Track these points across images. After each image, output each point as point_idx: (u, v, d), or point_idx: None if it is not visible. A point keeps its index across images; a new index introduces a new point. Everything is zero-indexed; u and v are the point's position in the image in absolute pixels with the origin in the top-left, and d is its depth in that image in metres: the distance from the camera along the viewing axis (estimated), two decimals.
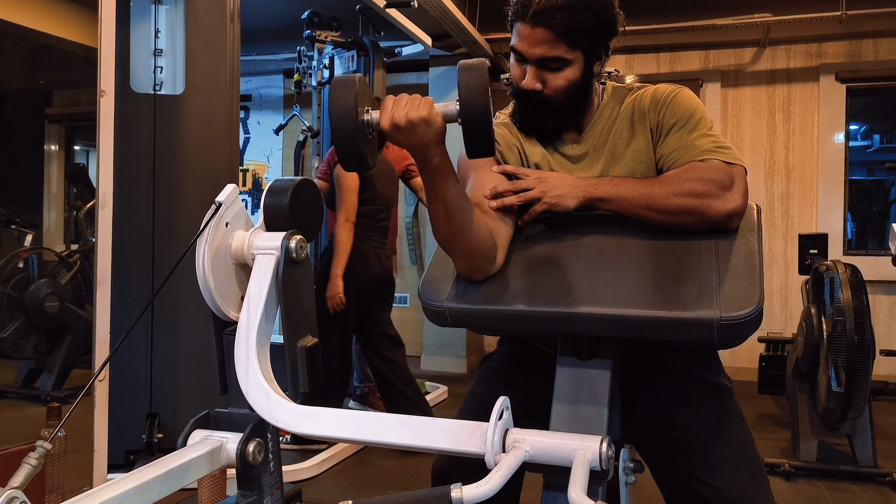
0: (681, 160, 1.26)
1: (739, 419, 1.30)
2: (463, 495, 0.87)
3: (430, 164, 1.13)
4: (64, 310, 3.63)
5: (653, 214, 1.21)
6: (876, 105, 7.06)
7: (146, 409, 2.89)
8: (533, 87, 1.30)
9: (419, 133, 1.09)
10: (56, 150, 4.13)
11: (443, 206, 1.16)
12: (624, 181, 1.26)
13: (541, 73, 1.30)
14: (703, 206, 1.19)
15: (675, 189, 1.20)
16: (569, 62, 1.28)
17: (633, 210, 1.22)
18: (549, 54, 1.27)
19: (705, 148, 1.25)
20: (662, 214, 1.21)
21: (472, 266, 1.19)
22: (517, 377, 1.42)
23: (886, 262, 4.70)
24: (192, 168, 2.97)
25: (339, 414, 1.00)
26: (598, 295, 1.12)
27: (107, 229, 2.35)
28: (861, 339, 2.87)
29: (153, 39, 2.93)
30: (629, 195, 1.22)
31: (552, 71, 1.29)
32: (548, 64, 1.29)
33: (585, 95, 1.35)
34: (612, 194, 1.24)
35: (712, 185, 1.19)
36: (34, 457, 0.90)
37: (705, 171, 1.21)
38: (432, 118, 1.10)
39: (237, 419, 1.08)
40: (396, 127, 1.08)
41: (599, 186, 1.25)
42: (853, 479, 3.13)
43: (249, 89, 6.70)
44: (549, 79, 1.30)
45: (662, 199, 1.20)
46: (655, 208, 1.20)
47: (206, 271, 1.06)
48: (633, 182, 1.25)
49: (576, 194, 1.25)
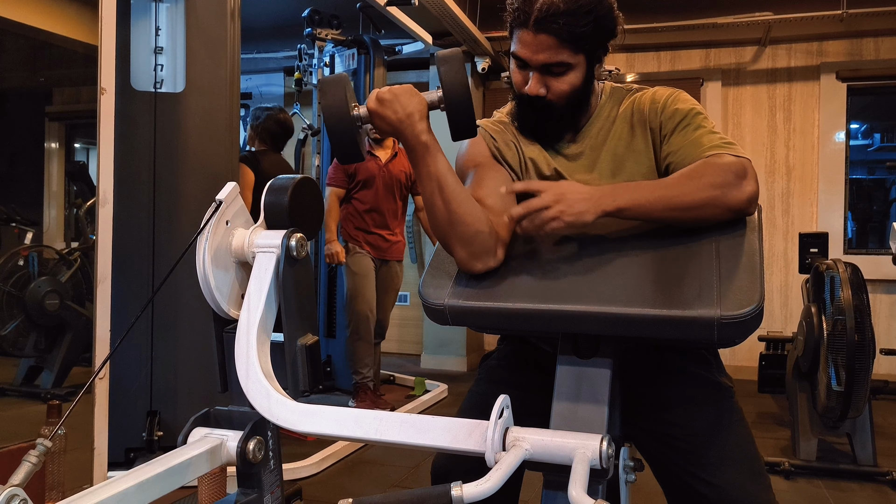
0: (689, 157, 1.26)
1: (740, 418, 1.31)
2: (463, 493, 0.87)
3: (419, 140, 1.16)
4: (64, 308, 3.63)
5: (675, 213, 1.19)
6: (876, 104, 7.05)
7: (146, 407, 2.89)
8: (537, 93, 1.31)
9: (402, 103, 1.15)
10: (56, 147, 4.13)
11: (437, 185, 1.18)
12: (639, 186, 1.23)
13: (544, 79, 1.30)
14: (724, 195, 1.18)
15: (694, 184, 1.19)
16: (572, 66, 1.29)
17: (653, 214, 1.19)
18: (552, 60, 1.27)
19: (712, 144, 1.26)
20: (684, 211, 1.18)
21: (471, 252, 1.19)
22: (517, 376, 1.42)
23: (887, 261, 4.70)
24: (192, 166, 2.97)
25: (339, 412, 1.00)
26: (599, 293, 1.12)
27: (107, 227, 2.35)
28: (861, 338, 2.87)
29: (154, 37, 2.93)
30: (647, 200, 1.19)
31: (556, 76, 1.29)
32: (551, 69, 1.29)
33: (586, 97, 1.36)
34: (631, 202, 1.19)
35: (729, 174, 1.19)
36: (34, 454, 0.90)
37: (720, 165, 1.21)
38: (414, 91, 1.18)
39: (237, 417, 1.08)
40: (381, 100, 1.15)
41: (616, 197, 1.20)
42: (853, 477, 3.13)
43: (250, 87, 6.69)
44: (552, 84, 1.30)
45: (682, 196, 1.18)
46: (676, 206, 1.18)
47: (206, 269, 1.06)
48: (648, 186, 1.22)
49: (594, 210, 1.18)
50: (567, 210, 1.16)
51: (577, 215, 1.16)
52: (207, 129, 3.02)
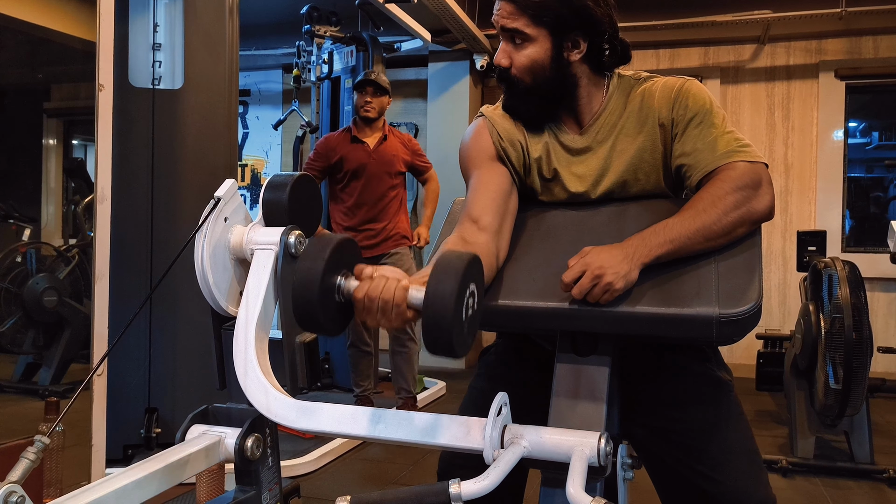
0: (703, 162, 1.25)
1: (739, 413, 1.31)
2: (461, 491, 0.87)
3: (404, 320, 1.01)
4: (62, 304, 3.63)
5: (711, 243, 1.18)
6: (875, 102, 7.06)
7: (144, 404, 2.89)
8: (499, 62, 1.33)
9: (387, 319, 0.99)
10: (54, 144, 4.12)
11: None
12: (668, 227, 1.18)
13: (509, 50, 1.32)
14: (749, 212, 1.19)
15: (720, 210, 1.17)
16: (530, 38, 1.29)
17: (692, 249, 1.18)
18: (508, 26, 1.29)
19: (727, 149, 1.24)
20: (720, 238, 1.18)
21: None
22: (516, 373, 1.42)
23: (884, 260, 4.70)
24: (190, 163, 2.97)
25: (338, 409, 1.00)
26: None
27: (105, 224, 2.35)
28: (859, 337, 2.87)
29: (152, 34, 2.92)
30: (683, 239, 1.16)
31: (516, 47, 1.31)
32: (514, 38, 1.31)
33: (560, 83, 1.32)
34: (668, 247, 1.16)
35: (748, 190, 1.19)
36: (32, 451, 0.90)
37: (737, 179, 1.20)
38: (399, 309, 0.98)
39: (235, 414, 1.08)
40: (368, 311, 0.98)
41: (652, 247, 1.16)
42: (850, 475, 3.14)
43: (248, 84, 6.69)
44: (514, 56, 1.31)
45: (714, 224, 1.17)
46: (712, 236, 1.17)
47: (204, 266, 1.06)
48: (678, 223, 1.18)
49: (637, 266, 1.14)
50: (615, 281, 1.11)
51: (627, 281, 1.12)
52: (206, 126, 3.01)
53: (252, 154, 6.79)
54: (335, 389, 4.50)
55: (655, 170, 1.32)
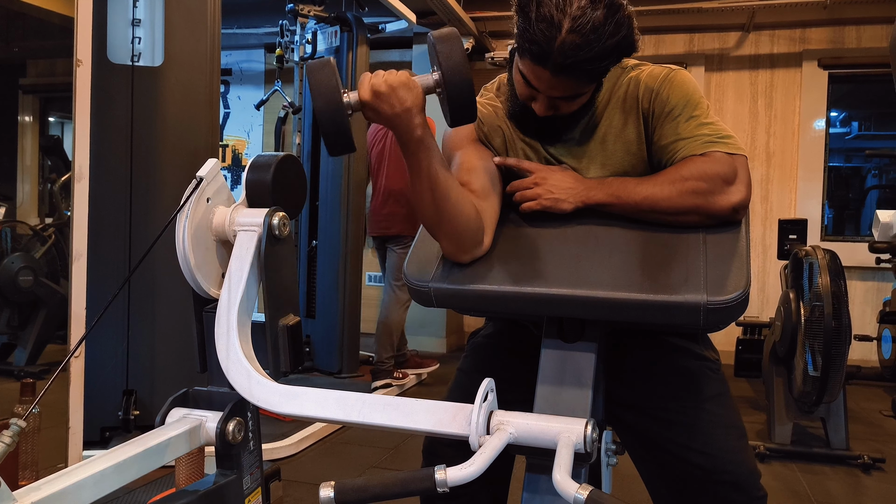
0: (681, 152, 1.22)
1: (727, 390, 1.34)
2: (447, 477, 0.86)
3: (413, 135, 1.10)
4: (38, 284, 3.58)
5: (657, 216, 1.19)
6: (855, 93, 7.12)
7: (122, 386, 2.85)
8: (545, 114, 1.25)
9: (400, 97, 1.07)
10: (30, 121, 4.04)
11: (427, 182, 1.13)
12: (624, 183, 1.21)
13: (554, 102, 1.23)
14: (708, 203, 1.16)
15: (678, 189, 1.17)
16: (587, 92, 1.24)
17: (636, 213, 1.19)
18: (569, 93, 1.21)
19: (705, 139, 1.21)
20: (667, 215, 1.18)
21: (459, 246, 1.17)
22: (503, 358, 1.41)
23: (862, 249, 4.75)
24: (171, 142, 2.92)
25: (321, 394, 0.98)
26: (585, 277, 1.12)
27: (83, 203, 2.31)
28: (838, 325, 2.90)
29: (131, 9, 2.86)
30: (631, 199, 1.19)
31: (567, 100, 1.23)
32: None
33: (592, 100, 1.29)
34: (612, 199, 1.20)
35: (715, 180, 1.17)
36: (8, 434, 0.88)
37: (707, 166, 1.18)
38: (412, 83, 1.09)
39: (217, 398, 1.06)
40: (377, 94, 1.07)
41: (599, 190, 1.21)
42: (826, 461, 3.19)
43: (230, 63, 6.59)
44: (562, 106, 1.24)
45: (666, 200, 1.17)
46: (659, 210, 1.18)
47: (186, 247, 1.04)
48: (633, 184, 1.21)
49: (573, 199, 1.20)
50: (545, 195, 1.20)
51: (554, 202, 1.21)
52: (187, 105, 2.96)
53: (233, 134, 6.70)
54: (316, 372, 4.48)
55: (641, 160, 1.30)
